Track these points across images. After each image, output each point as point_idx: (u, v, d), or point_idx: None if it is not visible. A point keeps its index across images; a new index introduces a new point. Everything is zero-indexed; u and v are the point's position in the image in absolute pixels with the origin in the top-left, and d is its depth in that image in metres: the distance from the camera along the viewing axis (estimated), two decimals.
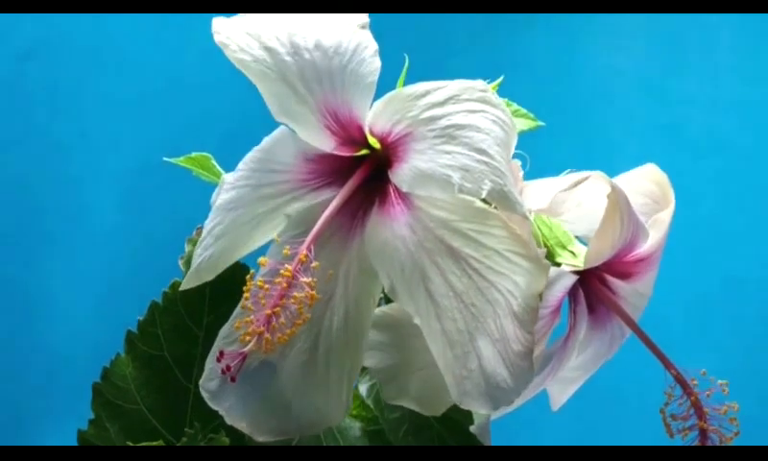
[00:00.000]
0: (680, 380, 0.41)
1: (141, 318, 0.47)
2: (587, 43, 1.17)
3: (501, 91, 0.43)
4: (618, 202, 0.40)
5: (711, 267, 1.09)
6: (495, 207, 0.38)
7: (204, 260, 0.41)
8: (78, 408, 0.50)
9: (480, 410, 0.37)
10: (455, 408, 0.43)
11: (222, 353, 0.39)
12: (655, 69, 1.16)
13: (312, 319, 0.39)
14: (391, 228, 0.39)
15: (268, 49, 0.39)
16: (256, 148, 0.41)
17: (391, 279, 0.38)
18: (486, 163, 0.36)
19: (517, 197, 0.36)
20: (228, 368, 0.39)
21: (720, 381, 0.42)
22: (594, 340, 0.47)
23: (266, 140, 0.41)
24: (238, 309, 0.40)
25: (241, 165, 0.41)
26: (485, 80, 0.39)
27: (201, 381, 0.41)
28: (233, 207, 0.41)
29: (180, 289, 0.42)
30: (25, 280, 1.16)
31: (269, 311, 0.37)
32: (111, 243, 1.15)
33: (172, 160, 0.50)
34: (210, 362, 0.41)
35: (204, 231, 0.41)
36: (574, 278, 0.43)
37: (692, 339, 1.05)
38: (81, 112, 1.16)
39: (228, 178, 0.41)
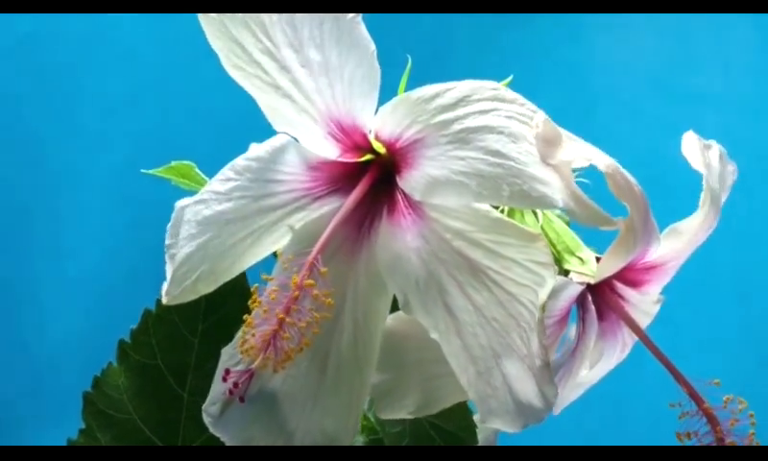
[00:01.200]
0: (694, 397, 0.40)
1: (134, 327, 0.47)
2: (593, 38, 1.17)
3: None
4: (634, 227, 0.38)
5: (722, 269, 1.09)
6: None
7: (204, 275, 0.40)
8: (66, 416, 0.50)
9: (507, 429, 0.36)
10: (458, 425, 0.42)
11: (228, 372, 0.38)
12: (664, 65, 1.16)
13: (319, 339, 0.38)
14: (403, 239, 0.38)
15: (259, 64, 0.38)
16: (249, 156, 0.40)
17: (405, 293, 0.38)
18: (501, 166, 0.35)
19: (541, 189, 0.34)
20: (236, 385, 0.38)
21: (727, 395, 0.41)
22: (606, 349, 0.47)
23: (259, 149, 0.40)
24: (241, 331, 0.39)
25: (231, 174, 0.40)
26: (489, 76, 0.39)
27: (204, 406, 0.40)
28: (231, 220, 0.40)
29: (173, 304, 0.41)
30: (11, 282, 1.16)
31: (275, 327, 0.37)
32: (102, 244, 1.15)
33: (150, 172, 0.50)
34: (215, 385, 0.40)
35: (193, 245, 0.40)
36: (580, 287, 0.43)
37: (702, 344, 1.05)
38: (70, 109, 1.16)
39: (217, 187, 0.40)
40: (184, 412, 0.48)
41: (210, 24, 0.39)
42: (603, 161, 0.36)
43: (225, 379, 0.38)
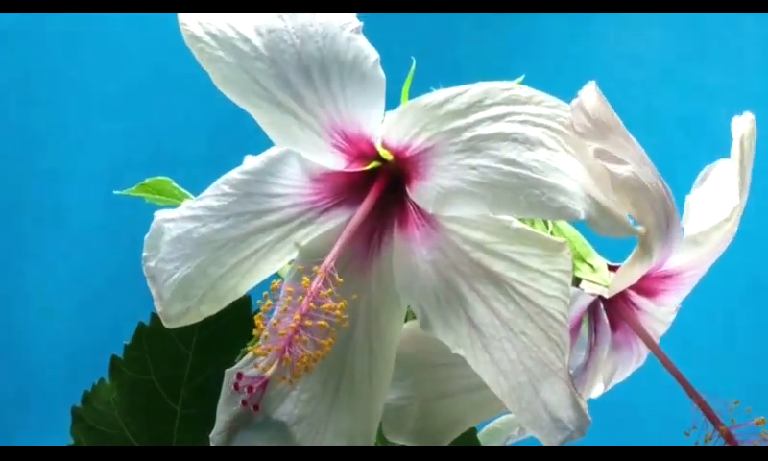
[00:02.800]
0: (709, 416, 0.40)
1: (127, 342, 0.47)
2: (602, 30, 1.17)
3: None
4: (650, 244, 0.38)
5: (736, 271, 1.09)
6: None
7: (207, 297, 0.39)
8: (55, 424, 0.50)
9: (545, 442, 0.36)
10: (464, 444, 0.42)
11: (240, 376, 0.37)
12: (675, 58, 1.16)
13: (333, 358, 0.37)
14: (419, 252, 0.37)
15: (259, 82, 0.38)
16: (245, 170, 0.39)
17: (423, 309, 0.37)
18: (517, 175, 0.34)
19: (562, 199, 0.34)
20: (251, 390, 0.37)
21: (747, 411, 0.41)
22: (620, 363, 0.47)
23: (256, 162, 0.39)
24: (249, 355, 0.38)
25: (227, 189, 0.39)
26: (494, 71, 0.38)
27: (211, 434, 0.39)
28: (231, 238, 0.39)
29: (176, 327, 0.40)
30: None
31: (291, 331, 0.36)
32: (92, 245, 1.15)
33: (123, 192, 0.49)
34: (220, 413, 0.40)
35: (191, 265, 0.39)
36: (591, 297, 0.43)
37: (716, 351, 1.05)
38: (58, 105, 1.16)
39: (212, 203, 0.39)
40: (177, 425, 0.48)
41: (201, 51, 0.38)
42: (622, 173, 0.35)
43: (236, 387, 0.37)
